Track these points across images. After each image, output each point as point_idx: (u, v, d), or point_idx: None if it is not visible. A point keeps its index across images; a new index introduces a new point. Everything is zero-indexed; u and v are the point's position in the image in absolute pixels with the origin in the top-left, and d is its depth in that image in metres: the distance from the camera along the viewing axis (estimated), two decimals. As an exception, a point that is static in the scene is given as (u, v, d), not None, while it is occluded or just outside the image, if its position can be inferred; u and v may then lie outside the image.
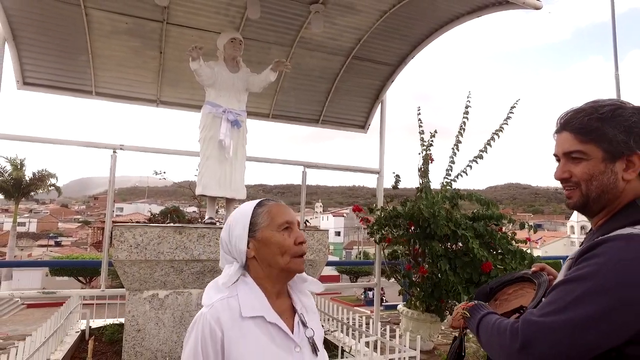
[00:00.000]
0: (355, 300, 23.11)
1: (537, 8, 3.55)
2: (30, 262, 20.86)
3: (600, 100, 1.03)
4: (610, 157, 0.98)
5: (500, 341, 0.95)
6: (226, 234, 1.17)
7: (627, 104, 1.01)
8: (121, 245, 3.01)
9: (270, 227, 1.13)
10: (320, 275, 3.74)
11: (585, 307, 0.86)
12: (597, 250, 0.91)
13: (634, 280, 0.84)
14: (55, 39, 4.52)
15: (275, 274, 1.14)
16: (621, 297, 0.84)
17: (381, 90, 5.77)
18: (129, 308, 3.10)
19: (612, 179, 0.99)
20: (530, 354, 0.87)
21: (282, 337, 1.08)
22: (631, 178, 0.98)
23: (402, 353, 3.17)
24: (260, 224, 1.14)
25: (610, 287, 0.85)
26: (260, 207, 1.17)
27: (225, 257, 1.18)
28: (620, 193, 1.00)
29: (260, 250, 1.13)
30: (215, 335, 1.01)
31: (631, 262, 0.86)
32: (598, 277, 0.87)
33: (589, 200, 1.02)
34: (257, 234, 1.13)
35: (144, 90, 5.21)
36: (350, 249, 48.58)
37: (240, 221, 1.16)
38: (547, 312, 0.90)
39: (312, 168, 5.47)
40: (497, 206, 4.68)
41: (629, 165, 0.98)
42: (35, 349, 2.77)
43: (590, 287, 0.87)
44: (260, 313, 1.07)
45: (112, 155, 4.61)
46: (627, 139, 0.96)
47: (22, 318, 15.59)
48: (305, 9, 4.56)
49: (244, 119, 3.86)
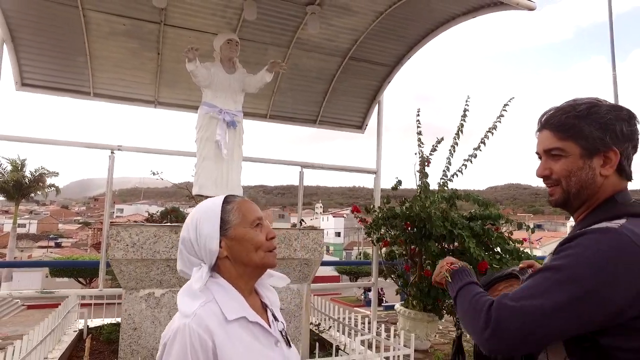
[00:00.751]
0: (355, 301, 23.12)
1: (531, 9, 3.58)
2: (29, 263, 20.89)
3: (579, 99, 1.06)
4: (588, 153, 1.01)
5: (474, 316, 0.98)
6: (191, 234, 1.07)
7: (603, 102, 1.04)
8: (117, 245, 3.03)
9: (243, 224, 1.09)
10: (315, 274, 3.76)
11: (556, 294, 0.89)
12: (574, 242, 0.94)
13: (603, 272, 0.87)
14: (53, 41, 4.56)
15: (249, 271, 1.11)
16: (590, 287, 0.87)
17: (378, 91, 5.80)
18: (125, 307, 3.13)
19: (590, 175, 1.01)
20: (499, 335, 0.91)
21: (264, 335, 1.07)
22: (608, 174, 1.01)
23: (396, 351, 3.19)
24: (232, 222, 1.09)
25: (582, 278, 0.88)
26: (228, 204, 1.11)
27: (189, 259, 1.08)
28: (599, 188, 1.02)
29: (234, 248, 1.08)
30: (206, 345, 0.95)
31: (603, 254, 0.88)
32: (571, 267, 0.90)
33: (570, 196, 1.05)
34: (230, 232, 1.08)
35: (141, 91, 5.24)
36: (350, 249, 48.57)
37: (208, 219, 1.08)
38: (521, 296, 0.93)
39: (309, 168, 5.50)
40: (495, 206, 4.70)
41: (605, 161, 1.00)
42: (33, 347, 2.79)
43: (563, 276, 0.90)
44: (242, 314, 1.04)
45: (110, 156, 4.64)
46: (603, 135, 0.99)
47: (22, 319, 15.60)
48: (302, 10, 4.59)
49: (240, 119, 3.89)
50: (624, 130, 0.99)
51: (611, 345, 0.90)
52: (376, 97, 5.85)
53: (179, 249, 1.11)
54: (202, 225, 1.07)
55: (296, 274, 3.58)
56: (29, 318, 17.13)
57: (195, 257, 1.08)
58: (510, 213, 5.22)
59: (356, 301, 23.21)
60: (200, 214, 1.09)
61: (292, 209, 63.11)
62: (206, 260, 1.07)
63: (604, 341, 0.90)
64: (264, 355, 1.05)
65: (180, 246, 1.10)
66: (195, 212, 1.11)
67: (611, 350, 0.90)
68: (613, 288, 0.86)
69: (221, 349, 0.97)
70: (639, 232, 0.90)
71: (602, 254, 0.88)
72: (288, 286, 3.58)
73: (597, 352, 0.91)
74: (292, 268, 3.55)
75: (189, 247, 1.08)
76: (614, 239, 0.89)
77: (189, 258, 1.08)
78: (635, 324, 0.88)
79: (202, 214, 1.09)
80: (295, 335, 3.57)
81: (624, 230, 0.90)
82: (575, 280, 0.88)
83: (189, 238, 1.07)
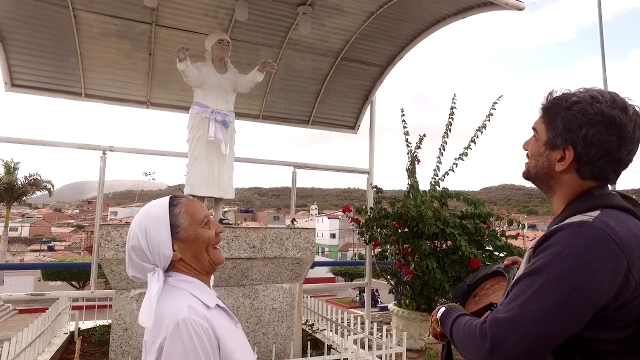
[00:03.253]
0: (350, 302, 23.09)
1: (520, 9, 3.62)
2: (19, 265, 20.67)
3: (587, 90, 1.02)
4: (550, 144, 1.02)
5: (472, 343, 0.96)
6: (142, 242, 1.06)
7: (600, 101, 0.98)
8: (108, 245, 3.02)
9: (193, 225, 1.11)
10: (307, 274, 3.76)
11: (544, 298, 0.87)
12: (551, 240, 0.93)
13: (583, 266, 0.87)
14: (44, 41, 4.53)
15: (204, 268, 1.14)
16: (574, 284, 0.86)
17: (370, 91, 5.82)
18: (116, 307, 3.11)
19: (545, 165, 1.03)
20: (500, 353, 0.88)
21: (231, 319, 1.13)
22: (560, 170, 1.01)
23: (388, 349, 3.19)
24: (181, 225, 1.10)
25: (565, 276, 0.87)
26: (175, 206, 1.11)
27: (141, 265, 1.08)
28: (559, 180, 1.03)
29: (187, 250, 1.10)
30: (209, 333, 0.98)
31: (580, 248, 0.88)
32: (553, 267, 0.89)
33: (531, 176, 1.09)
34: (181, 235, 1.09)
35: (134, 91, 5.22)
36: (345, 251, 48.56)
37: (157, 225, 1.07)
38: (511, 307, 0.91)
39: (301, 168, 5.50)
40: (484, 205, 4.74)
41: (562, 158, 1.01)
42: (21, 349, 2.76)
43: (546, 278, 0.89)
44: (216, 301, 1.10)
45: (102, 157, 4.62)
46: (565, 132, 0.99)
47: (13, 324, 15.43)
48: (293, 10, 4.60)
49: (231, 119, 3.89)
50: (588, 136, 0.95)
51: (594, 338, 0.90)
52: (368, 98, 5.88)
53: (129, 255, 1.09)
54: (151, 232, 1.06)
55: (288, 274, 3.58)
56: (20, 322, 16.92)
57: (148, 262, 1.07)
58: (505, 214, 5.26)
59: (352, 302, 23.16)
60: (147, 220, 1.08)
61: (287, 210, 62.82)
62: (160, 264, 1.07)
63: (585, 334, 0.90)
64: (239, 336, 1.11)
65: (130, 253, 1.08)
66: (142, 218, 1.09)
67: (595, 344, 0.90)
68: (595, 282, 0.86)
69: (219, 334, 1.01)
70: (612, 223, 0.90)
71: (578, 250, 0.88)
72: (280, 285, 3.58)
73: (581, 347, 0.91)
74: (283, 267, 3.55)
75: (141, 254, 1.07)
76: (588, 233, 0.89)
77: (141, 264, 1.08)
78: (617, 315, 0.88)
79: (149, 220, 1.08)
80: (288, 335, 3.57)
81: (597, 223, 0.90)
82: (558, 281, 0.87)
83: (140, 246, 1.06)
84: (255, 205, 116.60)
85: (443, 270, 4.27)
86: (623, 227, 0.90)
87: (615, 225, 0.90)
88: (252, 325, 3.45)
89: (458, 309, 1.15)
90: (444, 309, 1.16)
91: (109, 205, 65.28)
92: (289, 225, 4.02)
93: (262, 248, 3.43)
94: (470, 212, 4.59)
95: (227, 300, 3.35)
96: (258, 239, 3.43)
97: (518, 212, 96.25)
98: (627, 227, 0.91)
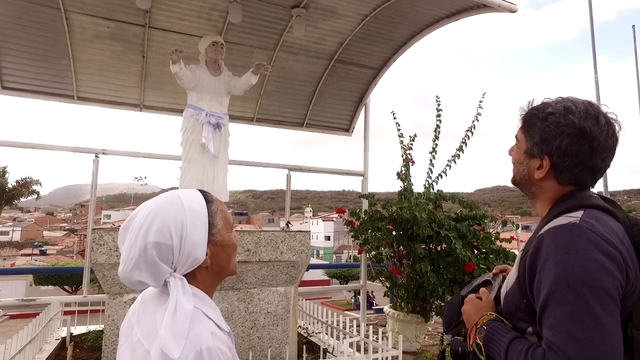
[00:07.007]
0: (346, 305, 23.06)
1: (513, 11, 3.64)
2: (9, 270, 20.40)
3: (561, 99, 1.06)
4: (529, 153, 1.08)
5: None
6: (175, 239, 0.88)
7: (573, 112, 1.01)
8: (100, 249, 2.98)
9: (226, 228, 0.98)
10: (302, 277, 3.74)
11: (582, 315, 0.87)
12: (542, 252, 0.95)
13: (592, 268, 0.89)
14: (36, 43, 4.48)
15: (220, 279, 1.01)
16: (587, 285, 0.88)
17: (364, 94, 5.83)
18: (108, 312, 3.07)
19: (526, 172, 1.10)
20: None
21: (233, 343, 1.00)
22: (538, 177, 1.06)
23: (384, 352, 3.18)
24: (217, 226, 0.96)
25: (586, 284, 0.88)
26: (210, 203, 0.97)
27: (157, 267, 0.88)
28: (539, 187, 1.08)
29: (217, 255, 0.96)
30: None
31: (579, 252, 0.90)
32: (563, 284, 0.89)
33: (516, 181, 1.15)
34: (216, 237, 0.95)
35: (127, 94, 5.18)
36: (340, 253, 48.55)
37: (197, 223, 0.91)
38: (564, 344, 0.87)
39: (296, 171, 5.49)
40: (479, 207, 4.75)
41: (540, 166, 1.06)
42: (11, 356, 2.71)
43: (573, 299, 0.88)
44: (226, 325, 0.95)
45: (95, 160, 4.57)
46: (541, 142, 1.04)
47: (4, 330, 15.22)
48: (287, 13, 4.60)
49: (225, 122, 3.87)
50: (562, 146, 1.00)
51: None
52: (363, 100, 5.88)
53: (143, 253, 0.87)
54: (189, 229, 0.90)
55: (283, 277, 3.56)
56: (11, 328, 16.69)
57: (169, 265, 0.89)
58: (499, 215, 5.30)
59: (347, 305, 23.14)
60: (185, 215, 0.90)
61: (282, 213, 62.70)
62: (181, 269, 0.90)
63: None
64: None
65: (146, 250, 0.87)
66: (178, 211, 0.90)
67: None
68: (607, 273, 0.88)
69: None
70: (595, 223, 0.95)
71: (578, 254, 0.90)
72: (275, 289, 3.55)
73: None
74: (279, 270, 3.53)
75: (166, 252, 0.88)
76: (582, 234, 0.92)
77: (158, 266, 0.88)
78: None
79: (188, 215, 0.90)
80: (283, 339, 3.54)
81: (584, 224, 0.94)
82: (578, 290, 0.88)
83: (169, 243, 0.88)
84: (249, 208, 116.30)
85: (438, 273, 4.27)
86: (605, 226, 0.95)
87: (598, 225, 0.94)
88: (247, 329, 3.42)
89: (505, 329, 1.03)
90: (486, 329, 1.04)
91: (102, 209, 64.75)
92: (284, 228, 4.00)
93: (256, 251, 3.41)
94: (465, 215, 4.60)
95: (222, 304, 3.32)
96: (253, 242, 3.41)
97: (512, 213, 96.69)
98: (609, 227, 0.95)
